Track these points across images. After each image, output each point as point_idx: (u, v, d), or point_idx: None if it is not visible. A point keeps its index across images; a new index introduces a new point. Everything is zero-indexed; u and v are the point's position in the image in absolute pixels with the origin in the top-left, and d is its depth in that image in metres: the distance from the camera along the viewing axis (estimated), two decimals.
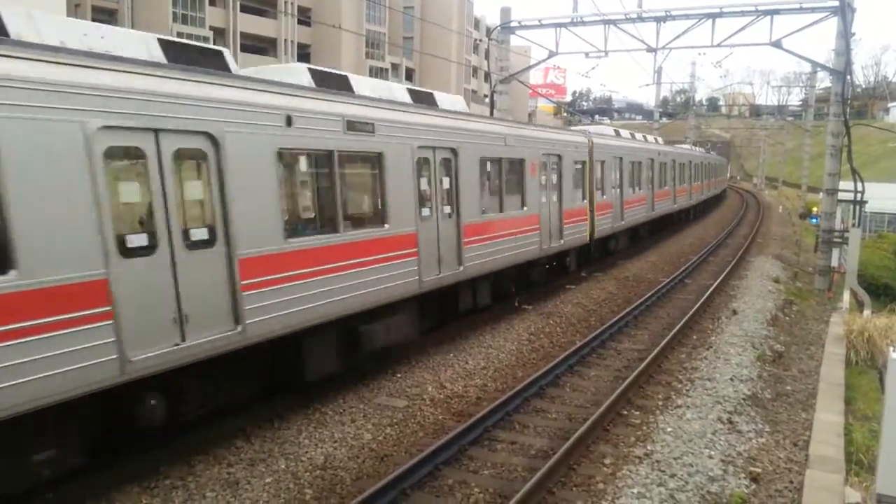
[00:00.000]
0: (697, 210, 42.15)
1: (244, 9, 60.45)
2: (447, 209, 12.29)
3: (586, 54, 24.39)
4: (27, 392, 5.76)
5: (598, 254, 21.95)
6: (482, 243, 13.30)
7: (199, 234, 7.38)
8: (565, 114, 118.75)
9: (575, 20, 23.34)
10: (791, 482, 7.71)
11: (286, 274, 8.38)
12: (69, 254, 6.07)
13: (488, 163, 13.90)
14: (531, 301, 16.50)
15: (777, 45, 20.67)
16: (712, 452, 8.19)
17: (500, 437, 8.73)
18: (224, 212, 7.58)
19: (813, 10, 20.44)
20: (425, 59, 74.98)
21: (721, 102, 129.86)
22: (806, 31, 20.72)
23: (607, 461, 8.00)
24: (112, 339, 6.38)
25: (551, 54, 24.79)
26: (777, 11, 20.57)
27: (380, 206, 10.49)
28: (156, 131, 6.84)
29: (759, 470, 7.85)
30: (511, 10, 24.80)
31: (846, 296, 18.28)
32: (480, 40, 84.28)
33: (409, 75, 78.61)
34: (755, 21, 21.02)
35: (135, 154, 6.76)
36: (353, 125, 9.66)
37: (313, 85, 9.70)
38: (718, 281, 19.15)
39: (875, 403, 11.00)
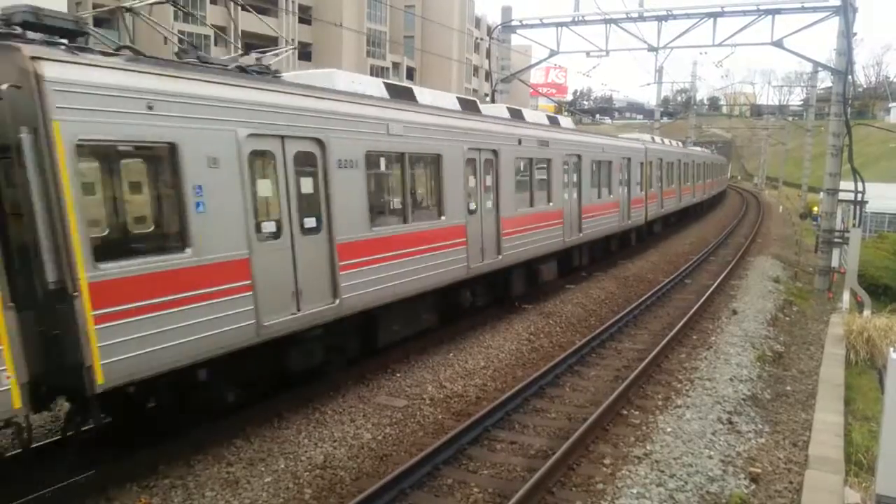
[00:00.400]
0: (705, 206, 44.40)
1: (245, 7, 60.42)
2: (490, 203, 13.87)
3: (587, 53, 24.40)
4: (190, 349, 7.25)
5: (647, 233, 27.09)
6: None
7: (310, 222, 9.02)
8: (566, 113, 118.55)
9: (576, 19, 23.34)
10: (790, 482, 7.71)
11: (371, 257, 10.14)
12: (228, 237, 7.70)
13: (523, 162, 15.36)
14: (531, 300, 16.49)
15: (778, 44, 20.66)
16: (712, 453, 8.18)
17: (500, 437, 8.73)
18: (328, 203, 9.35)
19: (815, 9, 20.43)
20: (426, 58, 74.96)
21: (722, 102, 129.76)
22: (807, 31, 20.75)
23: (607, 461, 8.00)
24: (251, 308, 7.90)
25: (552, 53, 24.79)
26: (779, 11, 20.56)
27: (438, 201, 12.17)
28: (282, 137, 8.50)
29: (758, 470, 7.84)
30: (512, 9, 25.14)
31: (846, 296, 18.26)
32: (481, 39, 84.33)
33: (410, 74, 78.60)
34: (756, 20, 21.02)
35: (269, 156, 8.40)
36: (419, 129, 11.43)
37: (387, 96, 11.33)
38: (718, 281, 19.14)
39: (875, 404, 11.00)
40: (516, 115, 16.30)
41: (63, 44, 6.57)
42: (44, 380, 6.29)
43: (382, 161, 10.88)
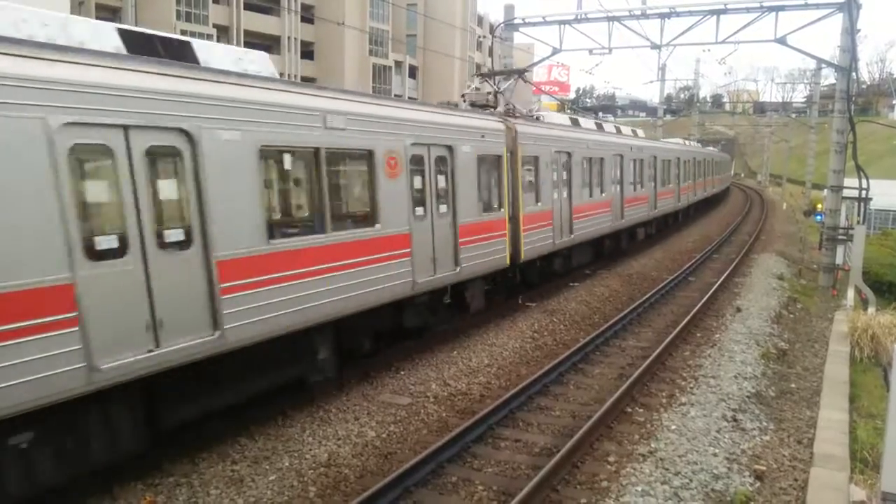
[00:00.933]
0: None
1: (248, 6, 60.43)
2: None
3: (590, 51, 24.32)
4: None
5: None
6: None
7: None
8: (569, 111, 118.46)
9: (579, 17, 23.28)
10: (795, 480, 7.69)
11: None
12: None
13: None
14: (535, 299, 16.48)
15: (782, 41, 20.58)
16: (717, 450, 8.17)
17: (504, 435, 8.73)
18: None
19: (818, 6, 20.36)
20: (429, 56, 74.86)
21: (725, 99, 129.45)
22: (811, 28, 20.69)
23: (611, 459, 7.99)
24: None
25: (555, 51, 24.71)
26: (782, 7, 20.49)
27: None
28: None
29: (763, 468, 7.83)
30: (514, 7, 24.92)
31: (850, 293, 18.22)
32: (484, 37, 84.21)
33: (413, 72, 78.53)
34: (760, 17, 20.94)
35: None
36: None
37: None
38: (722, 278, 19.11)
39: (879, 401, 10.97)
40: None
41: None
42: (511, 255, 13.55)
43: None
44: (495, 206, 13.84)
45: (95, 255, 6.38)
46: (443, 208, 11.96)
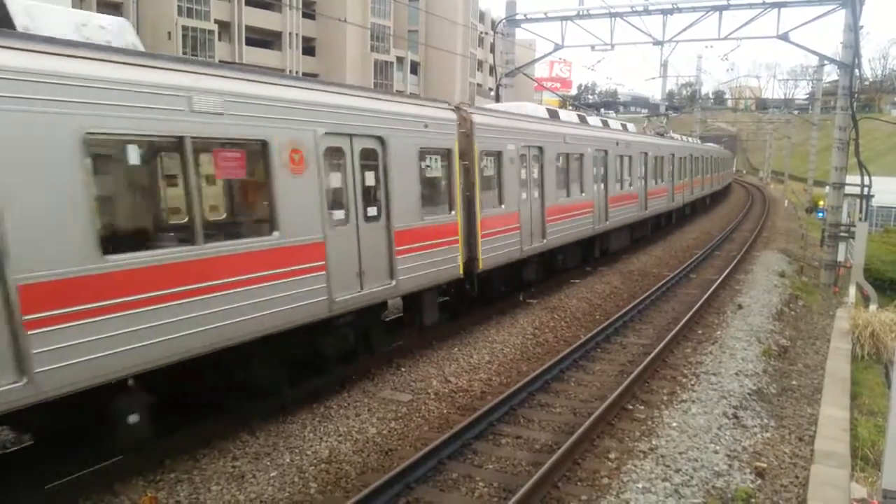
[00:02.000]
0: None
1: (249, 2, 60.37)
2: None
3: (592, 47, 24.29)
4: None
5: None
6: None
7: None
8: (571, 107, 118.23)
9: (581, 13, 23.23)
10: (796, 477, 7.70)
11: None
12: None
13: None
14: (536, 295, 16.47)
15: (784, 38, 20.55)
16: (717, 447, 8.18)
17: (505, 432, 8.73)
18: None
19: (821, 2, 20.34)
20: (430, 53, 74.77)
21: (727, 96, 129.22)
22: (813, 24, 20.63)
23: (612, 456, 8.00)
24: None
25: (557, 47, 24.68)
26: (785, 4, 20.44)
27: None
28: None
29: (764, 465, 7.83)
30: (516, 2, 24.68)
31: (852, 290, 18.21)
32: (486, 33, 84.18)
33: (414, 69, 78.46)
34: (762, 14, 20.89)
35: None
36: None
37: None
38: (724, 275, 19.09)
39: (881, 398, 10.98)
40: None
41: None
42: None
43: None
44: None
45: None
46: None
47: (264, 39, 63.57)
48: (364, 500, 6.57)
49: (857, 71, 20.56)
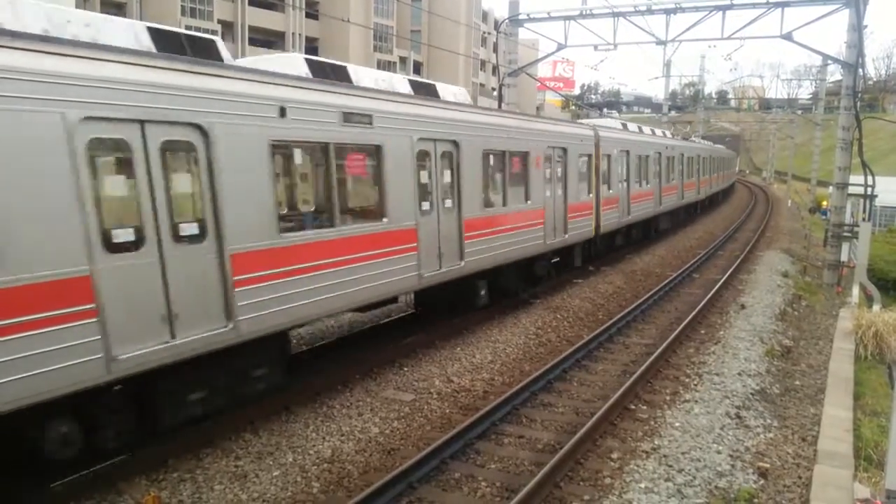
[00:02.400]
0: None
1: (252, 2, 60.40)
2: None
3: (595, 47, 24.22)
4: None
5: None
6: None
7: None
8: (573, 107, 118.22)
9: (584, 13, 23.18)
10: (799, 477, 7.69)
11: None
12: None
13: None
14: (538, 295, 16.47)
15: (788, 37, 20.47)
16: (720, 447, 8.17)
17: (508, 431, 8.73)
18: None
19: (825, 1, 20.23)
20: (433, 53, 74.83)
21: (730, 96, 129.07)
22: (817, 24, 20.60)
23: (615, 455, 7.99)
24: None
25: (560, 47, 24.64)
26: (788, 3, 20.36)
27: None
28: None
29: (767, 465, 7.82)
30: (519, 2, 24.63)
31: (855, 290, 18.16)
32: (489, 33, 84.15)
33: (417, 68, 78.46)
34: (766, 13, 20.82)
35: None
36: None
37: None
38: (727, 275, 19.06)
39: (884, 399, 10.96)
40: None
41: None
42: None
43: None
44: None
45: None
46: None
47: (267, 39, 63.61)
48: (366, 500, 6.58)
49: (860, 71, 20.45)
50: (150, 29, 7.58)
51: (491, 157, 13.41)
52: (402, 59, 74.21)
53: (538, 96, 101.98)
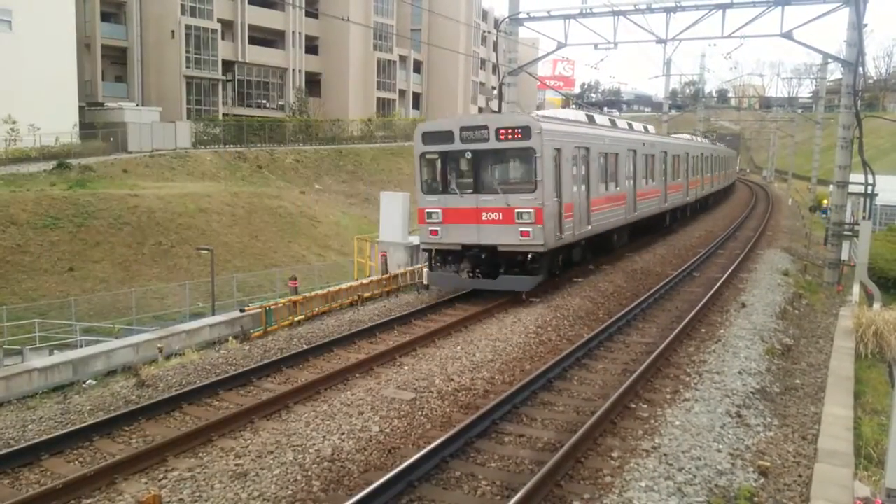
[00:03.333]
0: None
1: (252, 1, 60.41)
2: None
3: (595, 46, 24.22)
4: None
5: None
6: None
7: None
8: (573, 106, 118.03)
9: (584, 11, 23.18)
10: (800, 476, 7.68)
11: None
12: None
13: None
14: (539, 294, 16.46)
15: (788, 36, 20.47)
16: (721, 446, 8.16)
17: (508, 430, 8.73)
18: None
19: (825, 0, 20.24)
20: (433, 51, 74.81)
21: (731, 94, 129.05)
22: (817, 22, 20.55)
23: (615, 454, 7.99)
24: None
25: (560, 46, 24.65)
26: (788, 2, 20.34)
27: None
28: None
29: (767, 464, 7.82)
30: (519, 1, 24.63)
31: (856, 289, 18.17)
32: (488, 32, 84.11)
33: (417, 67, 78.44)
34: (766, 12, 20.83)
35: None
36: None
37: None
38: (727, 274, 19.05)
39: (884, 397, 10.96)
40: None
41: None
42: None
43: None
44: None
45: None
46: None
47: (267, 38, 63.61)
48: (367, 499, 6.57)
49: (860, 69, 20.47)
50: (586, 114, 20.07)
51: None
52: (402, 58, 74.18)
53: (538, 95, 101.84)
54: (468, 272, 15.54)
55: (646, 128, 27.10)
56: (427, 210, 15.88)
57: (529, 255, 15.08)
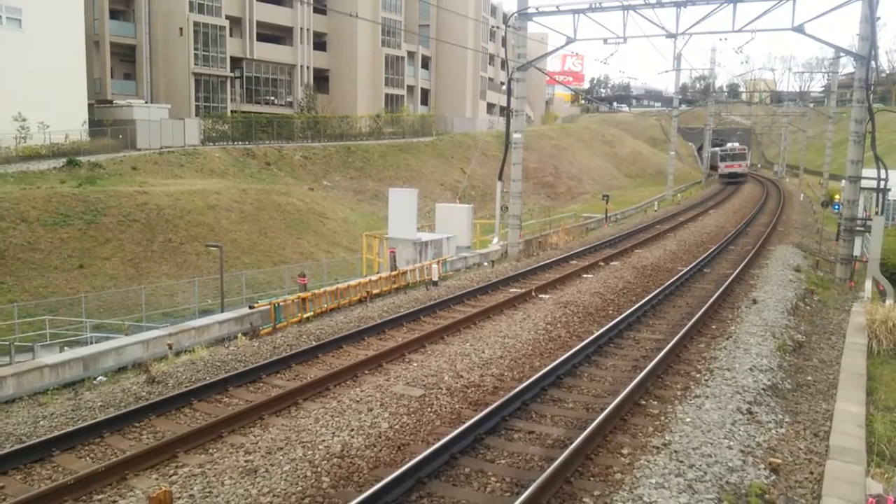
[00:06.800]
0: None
1: None
2: None
3: (605, 41, 24.03)
4: None
5: None
6: None
7: None
8: (583, 101, 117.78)
9: (593, 6, 23.03)
10: (811, 473, 7.63)
11: None
12: None
13: None
14: (548, 290, 16.42)
15: (799, 29, 20.29)
16: (731, 443, 8.11)
17: (517, 427, 8.71)
18: None
19: None
20: (442, 47, 74.61)
21: (742, 89, 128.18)
22: (829, 16, 20.34)
23: (625, 451, 7.96)
24: None
25: (569, 41, 24.50)
26: None
27: None
28: None
29: (779, 461, 7.77)
30: None
31: (868, 285, 18.02)
32: (497, 27, 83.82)
33: (426, 63, 78.33)
34: (777, 6, 20.63)
35: None
36: None
37: None
38: (738, 270, 18.95)
39: None
40: None
41: None
42: None
43: None
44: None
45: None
46: None
47: (275, 35, 63.63)
48: (376, 495, 6.57)
49: (873, 63, 20.27)
50: None
51: None
52: (411, 54, 74.07)
53: (548, 90, 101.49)
54: None
55: None
56: None
57: None
